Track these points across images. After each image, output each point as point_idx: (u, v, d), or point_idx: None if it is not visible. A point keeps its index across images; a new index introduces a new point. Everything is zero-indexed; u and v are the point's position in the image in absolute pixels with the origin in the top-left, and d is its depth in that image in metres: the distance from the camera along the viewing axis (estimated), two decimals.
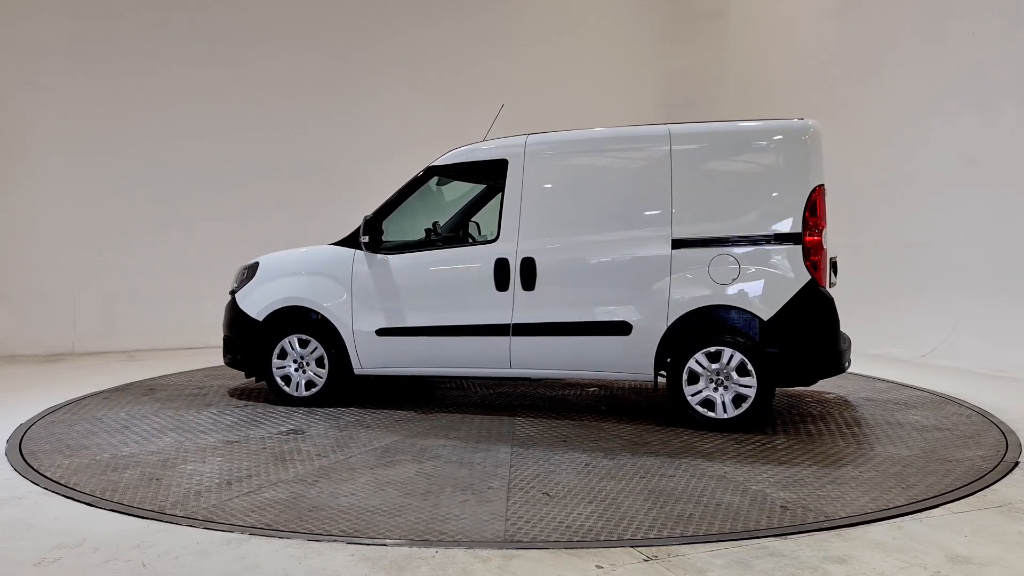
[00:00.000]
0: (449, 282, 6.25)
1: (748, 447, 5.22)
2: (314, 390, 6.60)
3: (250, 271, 6.94)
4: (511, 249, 6.05)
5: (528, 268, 5.99)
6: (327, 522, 3.90)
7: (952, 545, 3.59)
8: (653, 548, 3.54)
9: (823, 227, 5.51)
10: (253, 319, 6.71)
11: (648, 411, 6.29)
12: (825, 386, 7.12)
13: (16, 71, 9.61)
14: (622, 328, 5.78)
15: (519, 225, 6.07)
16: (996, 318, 8.28)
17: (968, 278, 8.64)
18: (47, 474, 4.72)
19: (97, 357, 9.42)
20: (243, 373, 6.96)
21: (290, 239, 10.83)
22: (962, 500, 4.19)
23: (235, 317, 6.87)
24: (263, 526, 3.85)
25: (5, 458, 5.06)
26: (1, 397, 7.00)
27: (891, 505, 4.09)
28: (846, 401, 6.64)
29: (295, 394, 6.63)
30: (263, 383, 6.91)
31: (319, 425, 5.98)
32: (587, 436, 5.56)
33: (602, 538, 3.67)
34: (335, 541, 3.65)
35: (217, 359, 9.10)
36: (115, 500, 4.21)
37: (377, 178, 10.46)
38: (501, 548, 3.55)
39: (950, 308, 8.75)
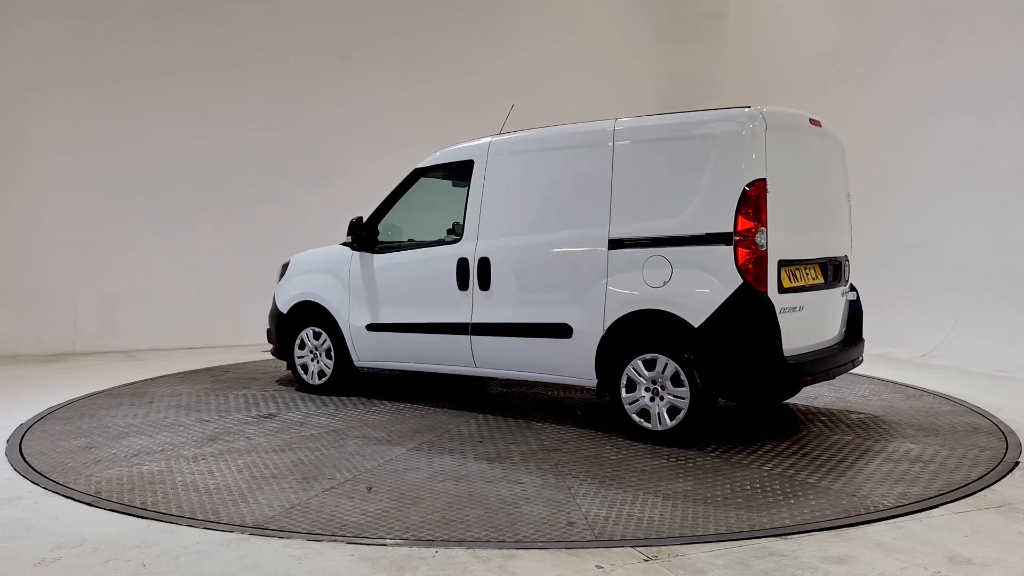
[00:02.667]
0: (420, 280, 6.45)
1: (654, 462, 4.87)
2: (324, 379, 7.07)
3: (284, 268, 7.52)
4: (471, 249, 6.11)
5: (484, 268, 6.02)
6: (141, 494, 4.31)
7: (952, 545, 3.59)
8: (653, 548, 3.54)
9: (759, 226, 4.92)
10: (281, 312, 7.32)
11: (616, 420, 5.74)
12: (870, 402, 6.71)
13: (18, 72, 9.61)
14: (564, 331, 5.62)
15: (479, 225, 6.12)
16: (996, 318, 8.28)
17: (968, 278, 8.64)
18: (26, 452, 4.96)
19: (97, 357, 9.42)
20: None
21: (290, 239, 10.85)
22: (962, 500, 4.18)
23: (272, 310, 7.51)
24: (92, 493, 4.33)
25: (5, 458, 5.06)
26: (1, 397, 7.01)
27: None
28: (866, 423, 5.88)
29: (310, 382, 7.16)
30: None
31: (299, 411, 6.44)
32: (509, 438, 5.50)
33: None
34: (335, 541, 3.65)
35: (220, 359, 9.14)
36: (115, 500, 4.22)
37: (378, 178, 10.46)
38: (501, 548, 3.55)
39: (950, 308, 8.74)
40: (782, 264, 5.08)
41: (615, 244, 5.42)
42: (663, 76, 12.67)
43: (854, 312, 6.05)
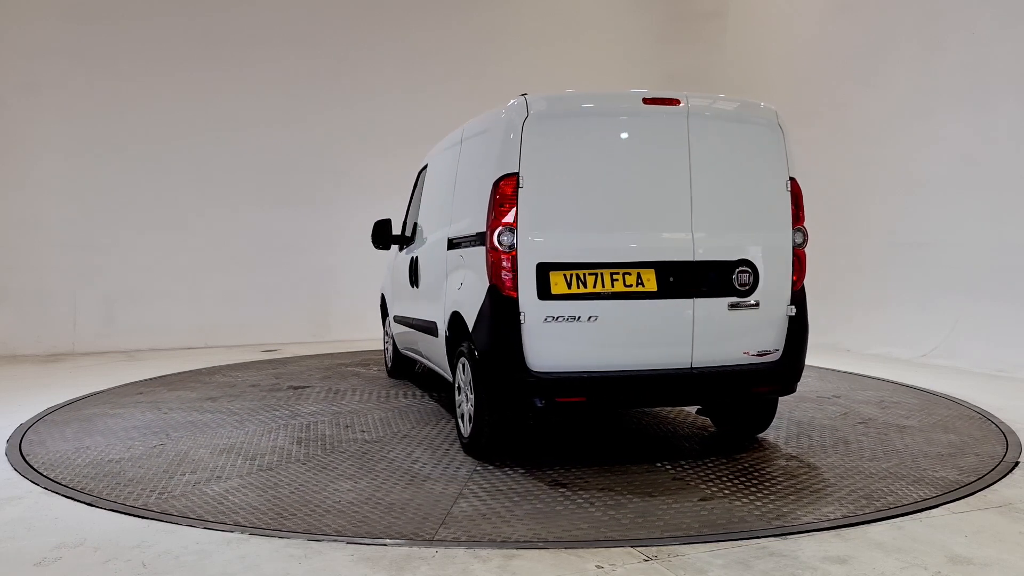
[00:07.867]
0: (399, 279, 7.06)
1: (457, 468, 4.74)
2: (391, 363, 7.93)
3: None
4: (415, 248, 6.56)
5: (416, 266, 6.38)
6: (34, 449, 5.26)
7: (952, 545, 3.59)
8: (653, 548, 3.54)
9: (507, 225, 4.50)
10: (380, 303, 8.34)
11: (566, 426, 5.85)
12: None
13: (18, 72, 9.62)
14: (434, 328, 5.73)
15: (420, 225, 6.54)
16: (996, 318, 8.28)
17: (968, 278, 8.64)
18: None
19: (97, 357, 9.42)
20: None
21: (289, 239, 10.84)
22: (962, 500, 4.18)
23: None
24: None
25: (5, 458, 5.06)
26: (1, 397, 7.01)
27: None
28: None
29: (387, 365, 8.10)
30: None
31: (325, 388, 7.35)
32: (384, 429, 5.75)
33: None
34: (335, 541, 3.64)
35: (220, 359, 9.12)
36: (116, 500, 4.22)
37: (378, 178, 10.45)
38: (501, 548, 3.55)
39: (950, 308, 8.74)
40: (549, 267, 4.51)
41: (450, 244, 5.37)
42: (663, 76, 12.67)
43: (791, 331, 4.90)
